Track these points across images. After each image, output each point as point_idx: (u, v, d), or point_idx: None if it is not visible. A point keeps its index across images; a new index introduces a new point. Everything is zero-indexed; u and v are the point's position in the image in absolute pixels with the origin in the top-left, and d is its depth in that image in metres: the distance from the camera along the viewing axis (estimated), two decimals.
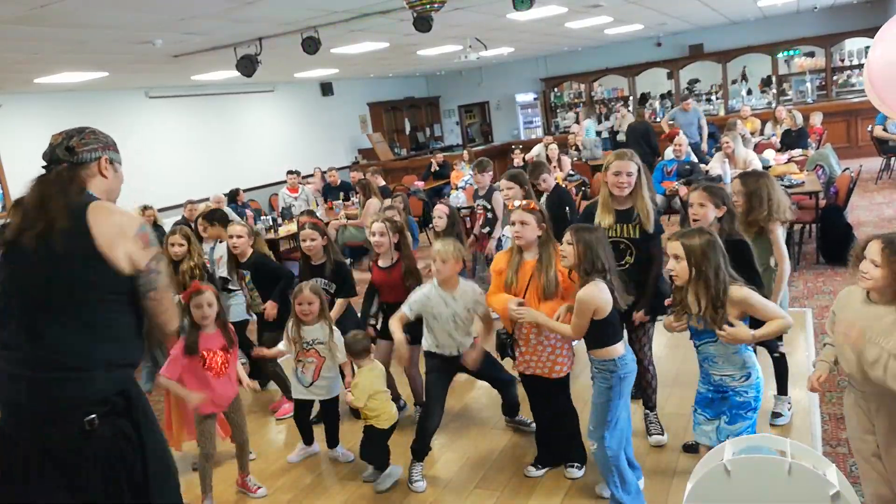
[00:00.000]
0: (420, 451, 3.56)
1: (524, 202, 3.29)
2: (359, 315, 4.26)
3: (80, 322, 2.02)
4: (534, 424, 3.68)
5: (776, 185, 3.50)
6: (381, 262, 4.03)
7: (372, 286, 4.17)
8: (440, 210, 5.02)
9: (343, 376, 3.82)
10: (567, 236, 2.92)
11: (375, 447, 3.56)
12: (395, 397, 4.32)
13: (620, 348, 2.91)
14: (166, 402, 3.77)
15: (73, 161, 2.09)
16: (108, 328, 2.06)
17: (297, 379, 3.80)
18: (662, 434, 3.62)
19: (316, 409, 3.99)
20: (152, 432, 2.19)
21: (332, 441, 3.93)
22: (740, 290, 2.55)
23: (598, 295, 2.82)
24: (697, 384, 2.79)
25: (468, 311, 3.44)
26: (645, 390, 3.63)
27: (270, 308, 4.41)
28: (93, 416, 1.99)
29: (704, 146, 10.21)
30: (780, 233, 3.42)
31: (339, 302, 4.13)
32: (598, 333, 2.89)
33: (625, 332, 3.13)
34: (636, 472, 3.14)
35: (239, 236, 4.45)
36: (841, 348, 2.41)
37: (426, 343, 3.57)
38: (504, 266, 3.34)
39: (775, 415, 3.71)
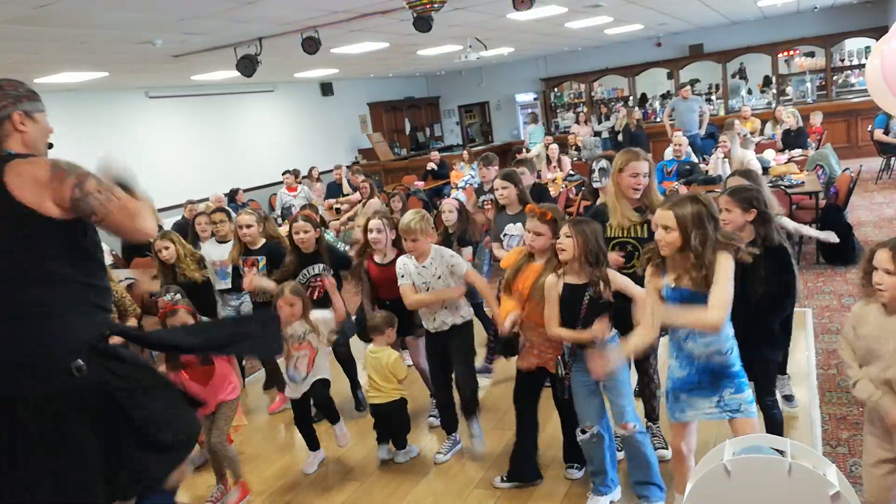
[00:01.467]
0: (444, 425, 3.85)
1: (539, 212, 3.22)
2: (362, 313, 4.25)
3: (38, 278, 1.99)
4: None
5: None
6: (377, 259, 4.00)
7: (371, 284, 4.09)
8: (450, 204, 4.97)
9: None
10: (565, 229, 2.92)
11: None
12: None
13: None
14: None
15: None
16: (66, 276, 2.03)
17: (289, 378, 3.75)
18: (666, 448, 3.49)
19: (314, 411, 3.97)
20: (142, 368, 2.17)
21: (333, 416, 3.86)
22: (727, 258, 2.44)
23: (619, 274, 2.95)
24: (671, 369, 2.68)
25: (440, 279, 3.48)
26: (649, 400, 3.54)
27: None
28: (79, 360, 1.94)
29: (702, 130, 10.48)
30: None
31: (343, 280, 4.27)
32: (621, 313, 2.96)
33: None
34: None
35: (248, 226, 4.42)
36: (868, 353, 2.35)
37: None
38: (512, 263, 3.35)
39: (787, 398, 3.73)
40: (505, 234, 4.33)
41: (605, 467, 3.11)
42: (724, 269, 2.42)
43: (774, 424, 2.98)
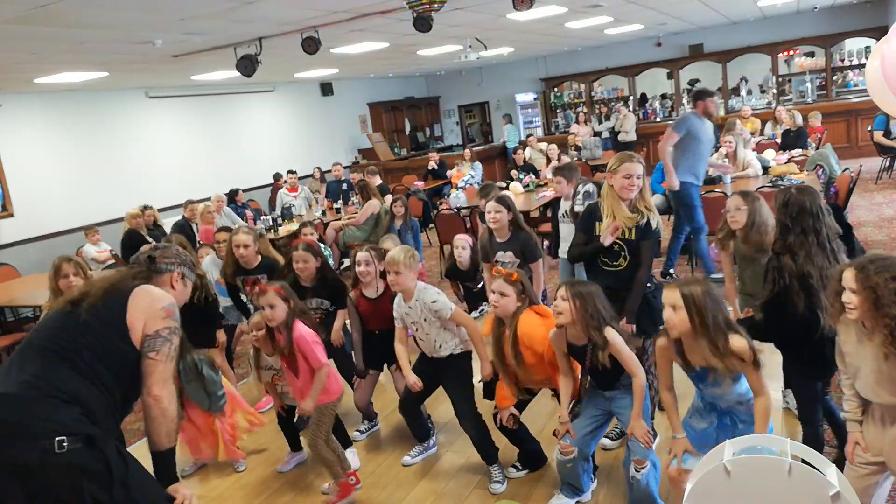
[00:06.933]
0: (415, 434, 3.83)
1: (505, 273, 3.13)
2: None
3: (82, 373, 2.08)
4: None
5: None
6: (366, 293, 3.84)
7: (360, 317, 3.92)
8: (462, 240, 4.83)
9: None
10: (561, 292, 2.80)
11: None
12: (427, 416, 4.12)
13: None
14: (186, 416, 3.67)
15: (150, 268, 2.40)
16: (99, 390, 2.09)
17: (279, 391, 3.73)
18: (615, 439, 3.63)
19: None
20: (127, 470, 2.09)
21: (343, 441, 3.80)
22: (740, 342, 2.44)
23: (621, 340, 2.78)
24: (692, 419, 2.71)
25: (426, 321, 3.36)
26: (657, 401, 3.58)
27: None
28: (62, 437, 1.97)
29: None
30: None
31: (340, 314, 4.10)
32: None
33: None
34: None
35: (245, 245, 4.29)
36: (853, 370, 2.38)
37: None
38: (489, 332, 3.28)
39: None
40: (497, 262, 4.27)
41: (574, 479, 3.11)
42: (748, 353, 2.45)
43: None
